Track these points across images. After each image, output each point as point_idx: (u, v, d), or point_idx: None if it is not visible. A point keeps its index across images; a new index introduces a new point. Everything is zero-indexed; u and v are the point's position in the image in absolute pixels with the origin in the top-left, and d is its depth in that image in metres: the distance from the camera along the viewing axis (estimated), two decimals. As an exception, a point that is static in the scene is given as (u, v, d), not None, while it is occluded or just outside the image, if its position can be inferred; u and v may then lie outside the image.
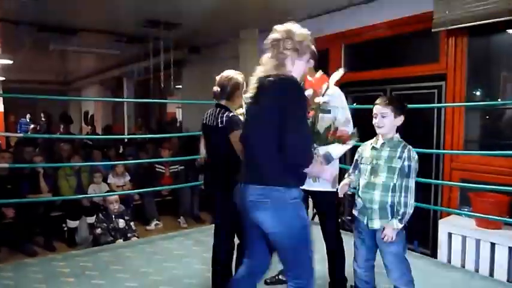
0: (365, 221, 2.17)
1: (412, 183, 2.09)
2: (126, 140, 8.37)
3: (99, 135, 10.43)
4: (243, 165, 1.92)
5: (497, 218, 3.11)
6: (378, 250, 2.21)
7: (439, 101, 3.97)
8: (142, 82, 9.30)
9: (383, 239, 2.09)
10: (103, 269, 3.09)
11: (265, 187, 1.73)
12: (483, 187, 3.28)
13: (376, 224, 2.13)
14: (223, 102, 2.39)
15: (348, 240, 2.54)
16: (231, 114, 2.31)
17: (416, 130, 2.30)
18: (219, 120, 2.30)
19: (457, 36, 3.77)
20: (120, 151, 7.34)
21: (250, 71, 2.21)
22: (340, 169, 2.62)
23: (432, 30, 3.76)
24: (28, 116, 13.70)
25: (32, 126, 12.36)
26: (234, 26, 5.81)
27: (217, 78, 2.45)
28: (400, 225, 2.07)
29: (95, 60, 9.68)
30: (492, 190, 3.28)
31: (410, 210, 2.08)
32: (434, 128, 4.03)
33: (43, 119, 12.72)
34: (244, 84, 2.35)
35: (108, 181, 5.60)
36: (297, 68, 1.82)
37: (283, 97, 1.68)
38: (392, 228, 2.07)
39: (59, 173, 5.32)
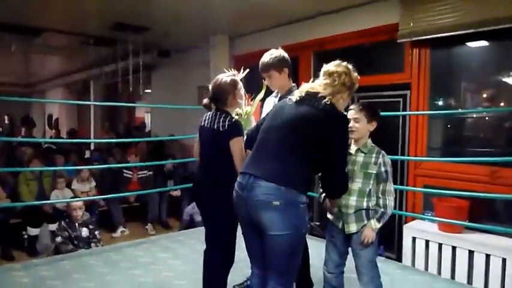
0: (340, 226, 2.20)
1: (390, 187, 2.15)
2: (92, 145, 8.15)
3: (63, 139, 10.09)
4: (251, 156, 1.91)
5: (458, 222, 3.23)
6: (351, 254, 2.24)
7: (404, 109, 4.10)
8: (111, 86, 9.08)
9: (363, 241, 2.11)
10: (65, 278, 2.96)
11: (280, 188, 1.72)
12: (445, 192, 3.42)
13: (352, 227, 2.15)
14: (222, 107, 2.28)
15: (316, 245, 2.56)
16: (233, 120, 2.20)
17: (383, 137, 2.36)
18: (220, 125, 2.17)
19: (421, 47, 3.92)
20: (86, 156, 7.13)
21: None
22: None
23: (398, 41, 3.90)
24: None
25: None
26: (205, 32, 5.80)
27: (211, 84, 2.33)
28: (378, 225, 2.11)
29: (60, 62, 9.38)
30: (453, 195, 3.42)
31: (389, 212, 2.13)
32: (400, 136, 4.16)
33: (6, 121, 12.19)
34: (239, 85, 2.28)
35: (73, 187, 5.42)
36: (344, 103, 1.92)
37: (334, 127, 1.79)
38: (371, 229, 2.10)
39: (19, 178, 5.10)
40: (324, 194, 2.22)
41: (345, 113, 1.93)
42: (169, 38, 6.42)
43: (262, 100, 2.70)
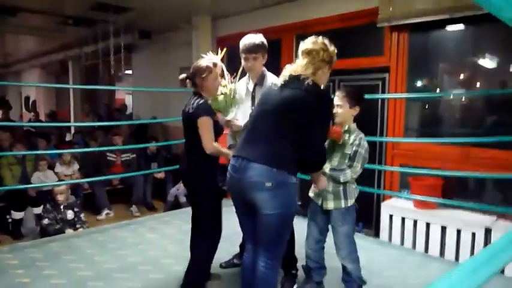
0: (319, 203, 2.33)
1: (357, 167, 2.25)
2: (72, 127, 8.05)
3: (42, 122, 9.91)
4: (243, 141, 2.00)
5: (432, 199, 3.42)
6: (330, 231, 2.39)
7: (383, 92, 4.23)
8: (90, 67, 8.92)
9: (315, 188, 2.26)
10: (54, 260, 3.03)
11: (272, 169, 1.81)
12: (420, 172, 3.59)
13: (330, 204, 2.30)
14: (198, 90, 2.35)
15: (298, 223, 2.69)
16: (202, 101, 2.28)
17: (363, 119, 2.47)
18: (191, 107, 2.28)
19: (400, 31, 4.02)
20: (68, 139, 7.05)
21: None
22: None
23: (377, 25, 3.98)
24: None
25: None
26: (187, 13, 5.75)
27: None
28: (323, 178, 2.20)
29: (37, 42, 9.13)
30: (428, 174, 3.60)
31: (342, 178, 2.24)
32: (378, 117, 4.29)
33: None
34: (217, 69, 2.33)
35: (56, 170, 5.40)
36: (325, 77, 2.00)
37: (317, 105, 1.87)
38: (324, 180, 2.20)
39: (1, 162, 5.05)
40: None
41: (327, 91, 2.01)
42: (150, 19, 6.33)
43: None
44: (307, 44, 1.98)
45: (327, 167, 2.27)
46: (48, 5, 5.80)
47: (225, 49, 2.58)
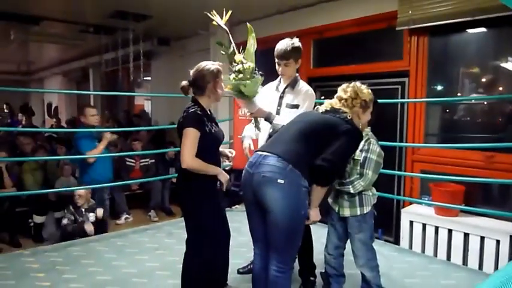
0: (336, 209, 2.30)
1: (368, 174, 2.21)
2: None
3: (64, 128, 10.12)
4: (270, 141, 2.11)
5: (453, 206, 3.33)
6: (349, 239, 2.35)
7: (403, 96, 4.16)
8: (110, 73, 9.09)
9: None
10: (74, 263, 3.07)
11: (287, 166, 1.85)
12: (441, 177, 3.51)
13: (346, 212, 2.27)
14: (197, 96, 2.23)
15: (317, 230, 2.66)
16: (191, 111, 2.11)
17: (382, 124, 2.44)
18: (182, 115, 2.14)
19: (419, 35, 3.96)
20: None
21: (222, 65, 2.25)
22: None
23: (396, 28, 3.94)
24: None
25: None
26: (204, 19, 5.76)
27: (192, 70, 2.25)
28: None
29: (59, 50, 9.36)
30: (449, 180, 3.52)
31: (352, 190, 2.22)
32: (398, 122, 4.22)
33: (6, 110, 12.15)
34: (220, 76, 2.20)
35: (77, 175, 5.49)
36: (364, 118, 2.17)
37: (347, 133, 1.97)
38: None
39: (23, 167, 5.17)
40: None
41: (360, 131, 2.09)
42: (169, 26, 6.42)
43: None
44: (339, 91, 2.16)
45: (336, 182, 2.26)
46: (70, 14, 5.94)
47: (229, 12, 2.45)
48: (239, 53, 2.31)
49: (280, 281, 1.95)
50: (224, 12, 2.38)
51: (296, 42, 2.48)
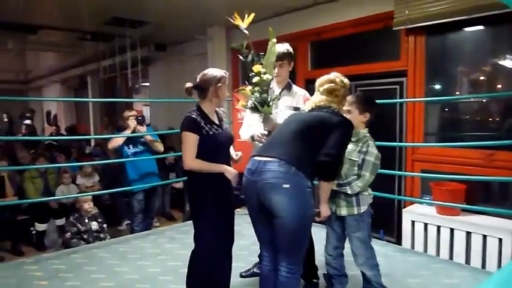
0: (334, 209, 2.31)
1: (366, 175, 2.23)
2: (92, 140, 8.20)
3: (63, 135, 10.14)
4: (264, 145, 2.12)
5: (455, 205, 3.33)
6: (347, 238, 2.36)
7: (401, 96, 4.17)
8: (108, 80, 9.10)
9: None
10: (77, 271, 3.06)
11: (290, 169, 1.85)
12: (442, 177, 3.51)
13: (343, 211, 2.29)
14: (200, 100, 2.30)
15: (317, 232, 2.66)
16: (187, 115, 2.21)
17: (381, 124, 2.45)
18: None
19: (416, 34, 3.97)
20: (87, 151, 7.18)
21: (219, 69, 2.28)
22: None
23: (393, 28, 3.95)
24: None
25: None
26: (201, 24, 5.82)
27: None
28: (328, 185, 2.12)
29: (57, 58, 9.39)
30: (450, 179, 3.52)
31: (349, 191, 2.24)
32: (397, 122, 4.23)
33: (5, 119, 12.18)
34: (222, 81, 2.26)
35: (77, 182, 5.50)
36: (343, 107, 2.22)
37: (340, 124, 2.02)
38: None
39: (24, 175, 5.17)
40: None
41: (349, 120, 2.13)
42: (166, 32, 6.44)
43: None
44: (325, 84, 2.15)
45: (334, 184, 2.24)
46: (67, 22, 5.97)
47: (252, 14, 2.47)
48: (260, 63, 2.31)
49: (290, 282, 1.95)
50: (246, 16, 2.42)
51: (288, 46, 2.63)
